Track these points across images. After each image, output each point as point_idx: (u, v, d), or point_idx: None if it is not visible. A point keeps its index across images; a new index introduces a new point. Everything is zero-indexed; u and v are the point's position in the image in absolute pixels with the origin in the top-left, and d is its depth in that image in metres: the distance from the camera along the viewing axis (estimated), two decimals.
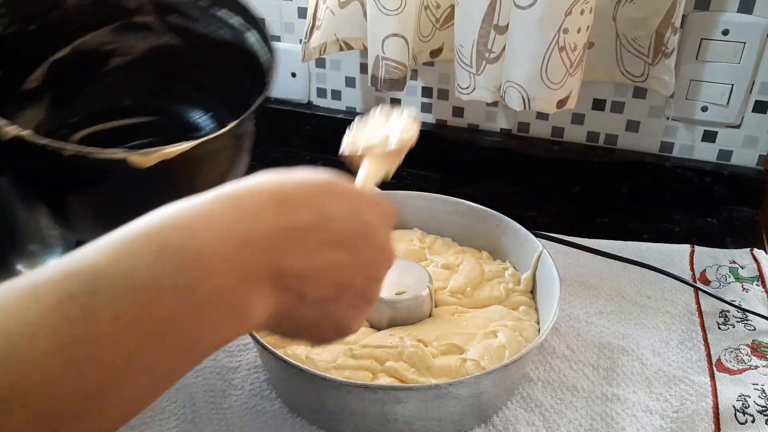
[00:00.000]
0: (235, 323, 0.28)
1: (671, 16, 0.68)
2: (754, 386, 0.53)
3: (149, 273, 0.25)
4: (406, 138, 0.53)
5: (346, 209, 0.33)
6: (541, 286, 0.60)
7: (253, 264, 0.28)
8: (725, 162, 0.79)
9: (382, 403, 0.47)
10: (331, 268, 0.32)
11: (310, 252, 0.30)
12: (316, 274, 0.31)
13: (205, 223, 0.27)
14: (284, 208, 0.30)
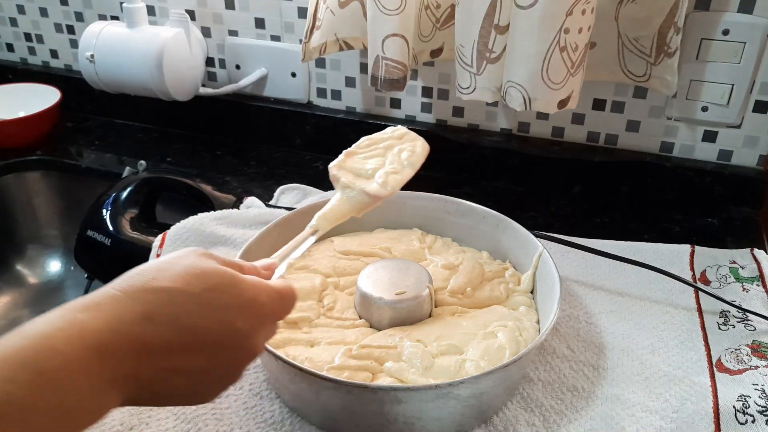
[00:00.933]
0: (92, 419, 0.32)
1: (674, 15, 0.68)
2: (754, 386, 0.53)
3: (25, 397, 0.29)
4: (385, 190, 0.54)
5: (215, 320, 0.36)
6: (541, 286, 0.60)
7: (112, 373, 0.32)
8: (725, 162, 0.79)
9: (382, 403, 0.47)
10: (184, 373, 0.35)
11: (164, 364, 0.34)
12: (167, 379, 0.35)
13: (75, 343, 0.31)
14: (148, 326, 0.34)
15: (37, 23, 1.06)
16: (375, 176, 0.55)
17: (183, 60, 0.90)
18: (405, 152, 0.57)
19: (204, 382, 0.37)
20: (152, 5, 0.96)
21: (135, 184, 0.78)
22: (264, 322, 0.40)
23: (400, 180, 0.55)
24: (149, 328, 0.34)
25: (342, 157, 0.56)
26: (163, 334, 0.34)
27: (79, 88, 0.99)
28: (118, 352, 0.32)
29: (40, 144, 0.98)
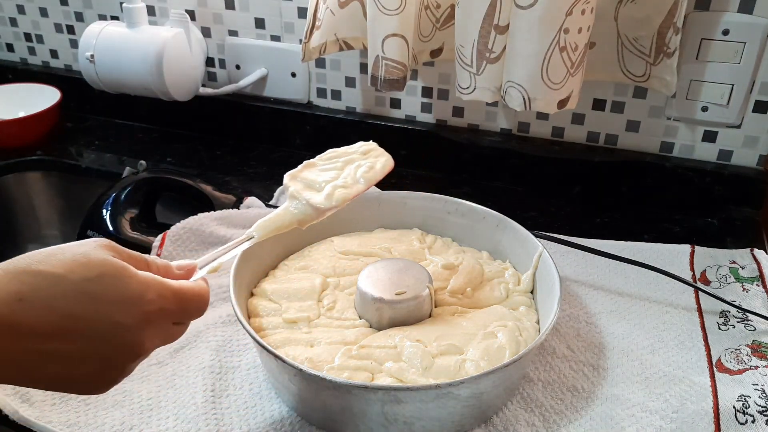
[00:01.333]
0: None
1: (673, 15, 0.68)
2: (754, 386, 0.53)
3: None
4: (329, 203, 0.53)
5: (91, 310, 0.36)
6: (541, 286, 0.60)
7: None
8: (725, 162, 0.79)
9: (382, 403, 0.47)
10: (56, 358, 0.36)
11: (35, 346, 0.35)
12: (39, 362, 0.35)
13: None
14: (20, 306, 0.34)
15: (37, 23, 1.06)
16: (324, 189, 0.54)
17: (183, 60, 0.90)
18: (362, 167, 0.57)
19: (80, 370, 0.37)
20: (152, 5, 0.96)
21: (135, 184, 0.78)
22: (152, 320, 0.39)
23: (346, 194, 0.54)
24: (20, 309, 0.34)
25: (300, 167, 0.56)
26: (35, 316, 0.34)
27: (79, 88, 0.99)
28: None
29: (40, 144, 0.98)
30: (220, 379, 0.56)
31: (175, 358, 0.58)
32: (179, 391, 0.55)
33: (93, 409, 0.53)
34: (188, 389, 0.55)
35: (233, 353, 0.59)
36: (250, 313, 0.58)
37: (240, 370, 0.57)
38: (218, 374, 0.56)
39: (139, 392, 0.55)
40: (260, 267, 0.63)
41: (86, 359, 0.37)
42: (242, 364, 0.58)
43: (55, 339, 0.35)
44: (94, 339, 0.37)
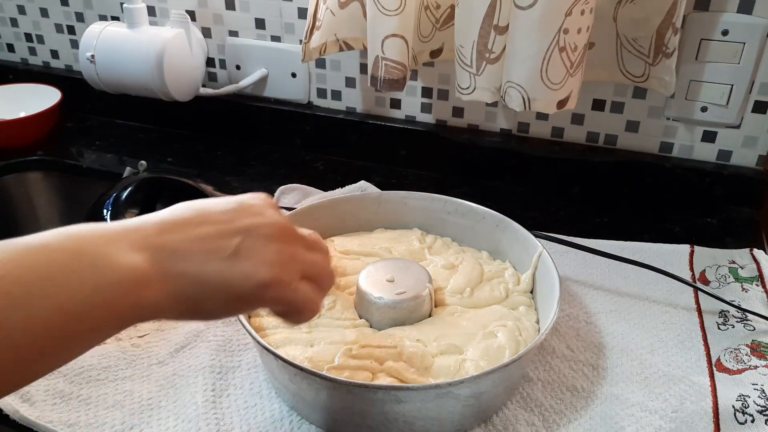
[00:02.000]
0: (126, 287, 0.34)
1: (672, 16, 0.68)
2: (753, 386, 0.53)
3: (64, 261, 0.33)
4: None
5: (225, 200, 0.41)
6: (541, 286, 0.60)
7: (135, 240, 0.36)
8: (725, 162, 0.80)
9: (382, 403, 0.47)
10: (205, 236, 0.38)
11: (184, 234, 0.37)
12: (192, 243, 0.37)
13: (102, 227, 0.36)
14: (164, 213, 0.39)
15: (38, 24, 1.06)
16: None
17: (183, 60, 0.90)
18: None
19: (226, 248, 0.38)
20: (153, 6, 0.96)
21: (135, 185, 0.78)
22: (273, 207, 0.42)
23: None
24: (165, 214, 0.38)
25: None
26: (177, 214, 0.38)
27: (79, 88, 0.99)
28: (139, 228, 0.36)
29: (40, 144, 0.98)
30: (221, 379, 0.56)
31: (175, 358, 0.58)
32: (179, 390, 0.55)
33: (93, 409, 0.53)
34: (188, 389, 0.55)
35: (233, 353, 0.59)
36: (250, 313, 0.58)
37: (240, 370, 0.57)
38: (218, 374, 0.56)
39: (139, 392, 0.55)
40: None
41: (228, 233, 0.38)
42: (242, 364, 0.58)
43: (198, 225, 0.38)
44: (227, 214, 0.40)
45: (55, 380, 0.55)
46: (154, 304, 0.35)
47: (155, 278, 0.35)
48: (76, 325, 0.32)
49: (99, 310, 0.33)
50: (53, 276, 0.32)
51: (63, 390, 0.54)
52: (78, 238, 0.34)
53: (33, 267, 0.32)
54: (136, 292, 0.34)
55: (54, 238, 0.34)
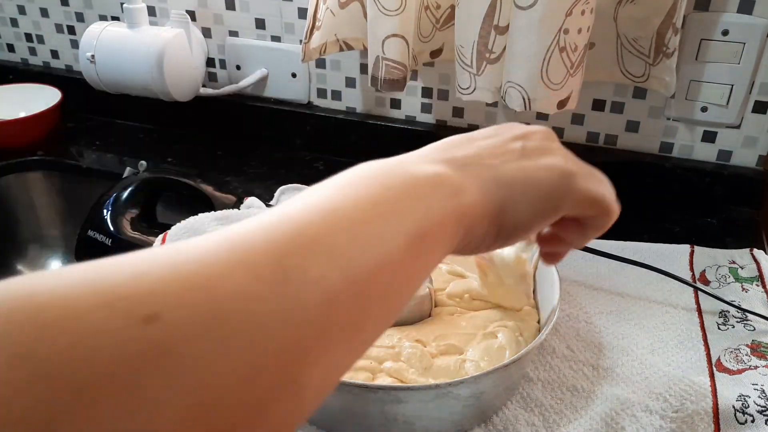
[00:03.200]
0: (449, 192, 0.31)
1: (672, 16, 0.68)
2: (753, 386, 0.53)
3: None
4: None
5: (486, 129, 0.37)
6: (541, 286, 0.60)
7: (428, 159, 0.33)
8: (725, 162, 0.80)
9: (382, 403, 0.47)
10: (486, 145, 0.35)
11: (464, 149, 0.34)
12: (477, 154, 0.34)
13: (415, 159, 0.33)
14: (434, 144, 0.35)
15: (38, 24, 1.07)
16: None
17: (183, 60, 0.90)
18: None
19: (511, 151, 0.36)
20: (153, 6, 0.96)
21: (136, 185, 0.78)
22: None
23: None
24: (433, 144, 0.35)
25: None
26: (446, 141, 0.35)
27: (79, 88, 0.99)
28: (419, 153, 0.33)
29: (40, 144, 0.98)
30: None
31: None
32: None
33: None
34: None
35: None
36: None
37: None
38: None
39: None
40: None
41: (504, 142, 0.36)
42: None
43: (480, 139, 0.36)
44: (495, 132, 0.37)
45: None
46: (472, 212, 0.32)
47: (465, 182, 0.32)
48: (421, 247, 0.29)
49: (437, 226, 0.30)
50: (388, 199, 0.29)
51: None
52: (371, 168, 0.31)
53: (362, 195, 0.28)
54: (458, 200, 0.31)
55: (354, 174, 0.30)
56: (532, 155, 0.35)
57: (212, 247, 0.23)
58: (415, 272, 0.29)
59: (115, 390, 0.18)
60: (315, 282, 0.23)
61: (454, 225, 0.31)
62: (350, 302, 0.25)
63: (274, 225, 0.24)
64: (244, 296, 0.21)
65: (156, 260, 0.21)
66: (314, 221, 0.25)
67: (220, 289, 0.21)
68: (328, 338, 0.24)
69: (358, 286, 0.25)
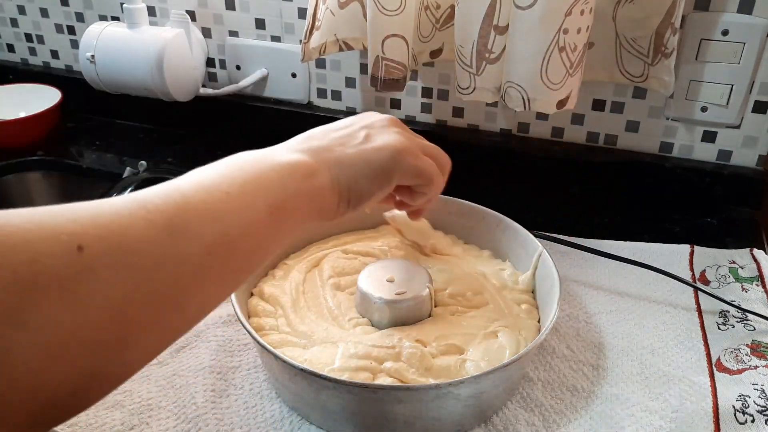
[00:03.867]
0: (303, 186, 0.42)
1: (671, 16, 0.68)
2: (753, 386, 0.53)
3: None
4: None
5: (343, 120, 0.50)
6: (541, 286, 0.60)
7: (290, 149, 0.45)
8: (725, 162, 0.80)
9: (382, 403, 0.48)
10: (337, 137, 0.47)
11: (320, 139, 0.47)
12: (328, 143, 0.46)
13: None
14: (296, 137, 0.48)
15: (38, 24, 1.07)
16: None
17: (183, 61, 0.90)
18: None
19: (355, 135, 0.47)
20: (153, 6, 0.96)
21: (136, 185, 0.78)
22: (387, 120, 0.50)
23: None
24: (296, 137, 0.48)
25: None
26: (306, 134, 0.48)
27: (79, 88, 0.99)
28: (283, 145, 0.46)
29: (40, 144, 0.98)
30: (221, 379, 0.56)
31: (175, 358, 0.58)
32: (179, 391, 0.55)
33: (93, 409, 0.53)
34: (188, 389, 0.55)
35: (233, 353, 0.59)
36: (249, 313, 0.58)
37: (240, 370, 0.57)
38: (218, 374, 0.56)
39: (139, 392, 0.55)
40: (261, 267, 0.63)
41: (354, 130, 0.47)
42: (242, 364, 0.58)
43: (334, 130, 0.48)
44: (350, 122, 0.49)
45: None
46: (322, 190, 0.42)
47: (318, 167, 0.43)
48: (279, 216, 0.38)
49: (291, 200, 0.40)
50: (255, 179, 0.38)
51: None
52: (246, 156, 0.41)
53: (235, 176, 0.38)
54: (311, 181, 0.42)
55: (232, 160, 0.40)
56: (371, 140, 0.46)
57: (126, 206, 0.32)
58: (275, 234, 0.39)
59: (60, 292, 0.27)
60: (194, 237, 0.33)
61: (307, 199, 0.41)
62: (223, 253, 0.34)
63: (168, 194, 0.34)
64: (145, 240, 0.31)
65: (86, 210, 0.31)
66: (198, 193, 0.35)
67: (127, 234, 0.30)
68: (205, 277, 0.33)
69: (230, 241, 0.35)
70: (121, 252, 0.30)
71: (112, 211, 0.31)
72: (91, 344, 0.28)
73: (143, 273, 0.30)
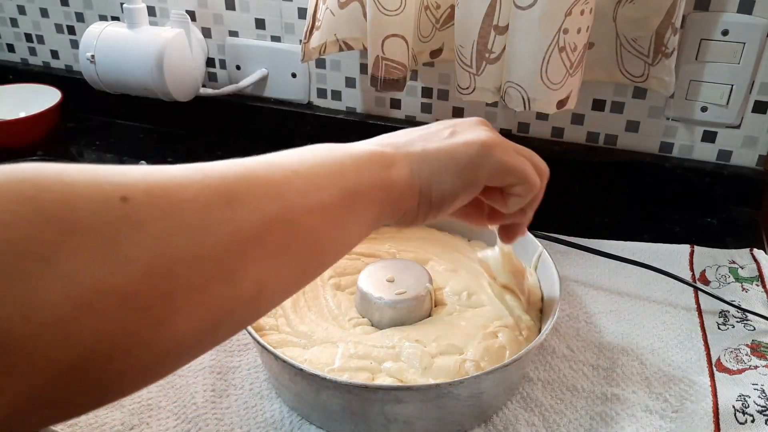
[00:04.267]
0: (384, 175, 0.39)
1: (671, 16, 0.68)
2: (753, 386, 0.53)
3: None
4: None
5: (428, 125, 0.45)
6: (541, 286, 0.60)
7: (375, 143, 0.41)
8: (725, 162, 0.80)
9: (382, 403, 0.48)
10: (419, 134, 0.43)
11: (402, 137, 0.43)
12: (410, 138, 0.42)
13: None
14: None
15: (38, 24, 1.07)
16: None
17: (183, 61, 0.90)
18: None
19: (437, 132, 0.43)
20: (153, 6, 0.96)
21: None
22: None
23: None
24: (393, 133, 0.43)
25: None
26: (399, 132, 0.43)
27: (79, 88, 0.99)
28: (361, 142, 0.41)
29: (40, 144, 0.98)
30: (221, 379, 0.56)
31: None
32: (179, 391, 0.55)
33: None
34: (188, 389, 0.55)
35: (233, 353, 0.59)
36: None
37: (240, 370, 0.57)
38: (218, 374, 0.56)
39: (139, 392, 0.55)
40: None
41: (436, 130, 0.43)
42: (242, 364, 0.58)
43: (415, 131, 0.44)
44: (428, 127, 0.44)
45: None
46: (400, 183, 0.39)
47: (397, 158, 0.40)
48: (351, 204, 0.36)
49: (366, 189, 0.37)
50: (327, 163, 0.36)
51: None
52: (321, 145, 0.38)
53: (306, 158, 0.36)
54: (388, 172, 0.39)
55: (306, 148, 0.37)
56: (457, 135, 0.42)
57: (183, 169, 0.31)
58: (346, 222, 0.36)
59: (97, 240, 0.25)
60: (252, 208, 0.31)
61: (383, 191, 0.38)
62: (283, 230, 0.32)
63: (231, 165, 0.32)
64: (198, 201, 0.29)
65: (138, 169, 0.29)
66: (263, 168, 0.33)
67: (179, 194, 0.29)
68: (260, 250, 0.31)
69: (292, 220, 0.32)
70: (171, 208, 0.28)
71: (165, 171, 0.30)
72: (133, 298, 0.26)
73: (193, 233, 0.28)
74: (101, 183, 0.27)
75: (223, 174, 0.31)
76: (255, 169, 0.33)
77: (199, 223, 0.28)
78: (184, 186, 0.29)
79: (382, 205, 0.38)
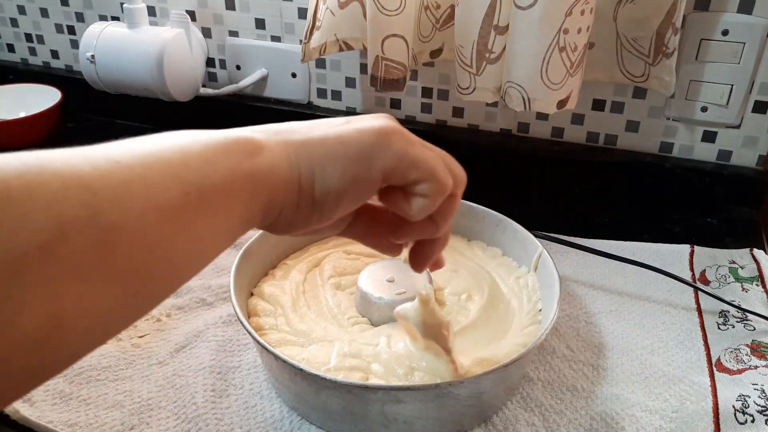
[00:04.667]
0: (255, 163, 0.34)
1: (672, 16, 0.68)
2: (753, 386, 0.53)
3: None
4: None
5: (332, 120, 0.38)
6: (541, 286, 0.60)
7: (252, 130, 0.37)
8: (725, 162, 0.80)
9: (381, 403, 0.47)
10: (308, 124, 0.37)
11: (293, 124, 0.37)
12: (296, 126, 0.36)
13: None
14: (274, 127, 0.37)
15: (38, 24, 1.07)
16: None
17: (183, 60, 0.90)
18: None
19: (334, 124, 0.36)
20: (153, 6, 0.96)
21: None
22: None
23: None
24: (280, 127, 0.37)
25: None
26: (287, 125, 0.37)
27: (79, 88, 0.99)
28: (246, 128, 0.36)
29: (40, 144, 0.97)
30: (220, 379, 0.56)
31: (175, 358, 0.58)
32: (179, 391, 0.55)
33: (93, 409, 0.53)
34: (188, 389, 0.55)
35: (233, 353, 0.59)
36: (249, 313, 0.58)
37: (240, 370, 0.57)
38: (218, 374, 0.56)
39: (139, 392, 0.55)
40: (260, 266, 0.63)
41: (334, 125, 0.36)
42: (242, 364, 0.58)
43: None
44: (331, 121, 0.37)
45: (55, 380, 0.55)
46: (270, 173, 0.32)
47: (267, 144, 0.34)
48: (199, 201, 0.30)
49: (221, 183, 0.31)
50: (161, 151, 0.31)
51: (63, 390, 0.54)
52: (188, 132, 0.34)
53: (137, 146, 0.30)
54: (254, 160, 0.32)
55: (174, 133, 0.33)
56: (351, 123, 0.35)
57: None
58: (193, 226, 0.29)
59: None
60: (37, 212, 0.24)
61: (247, 184, 0.32)
62: (88, 238, 0.25)
63: (25, 157, 0.25)
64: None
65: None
66: (65, 158, 0.26)
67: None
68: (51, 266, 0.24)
69: (105, 224, 0.25)
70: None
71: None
72: None
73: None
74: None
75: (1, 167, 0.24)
76: (54, 160, 0.25)
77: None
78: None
79: (248, 203, 0.32)
